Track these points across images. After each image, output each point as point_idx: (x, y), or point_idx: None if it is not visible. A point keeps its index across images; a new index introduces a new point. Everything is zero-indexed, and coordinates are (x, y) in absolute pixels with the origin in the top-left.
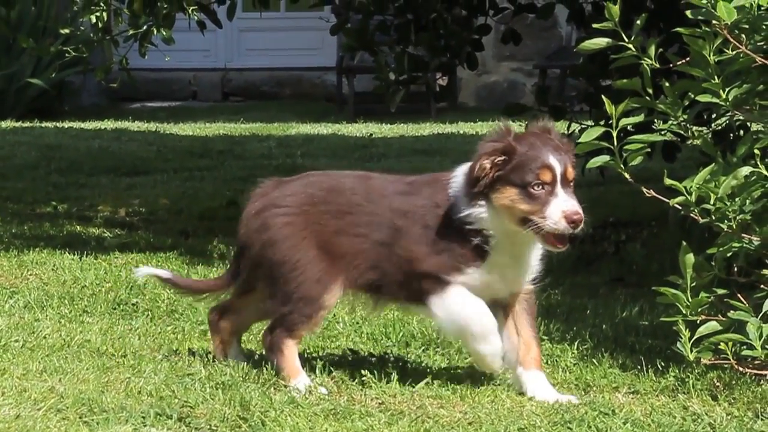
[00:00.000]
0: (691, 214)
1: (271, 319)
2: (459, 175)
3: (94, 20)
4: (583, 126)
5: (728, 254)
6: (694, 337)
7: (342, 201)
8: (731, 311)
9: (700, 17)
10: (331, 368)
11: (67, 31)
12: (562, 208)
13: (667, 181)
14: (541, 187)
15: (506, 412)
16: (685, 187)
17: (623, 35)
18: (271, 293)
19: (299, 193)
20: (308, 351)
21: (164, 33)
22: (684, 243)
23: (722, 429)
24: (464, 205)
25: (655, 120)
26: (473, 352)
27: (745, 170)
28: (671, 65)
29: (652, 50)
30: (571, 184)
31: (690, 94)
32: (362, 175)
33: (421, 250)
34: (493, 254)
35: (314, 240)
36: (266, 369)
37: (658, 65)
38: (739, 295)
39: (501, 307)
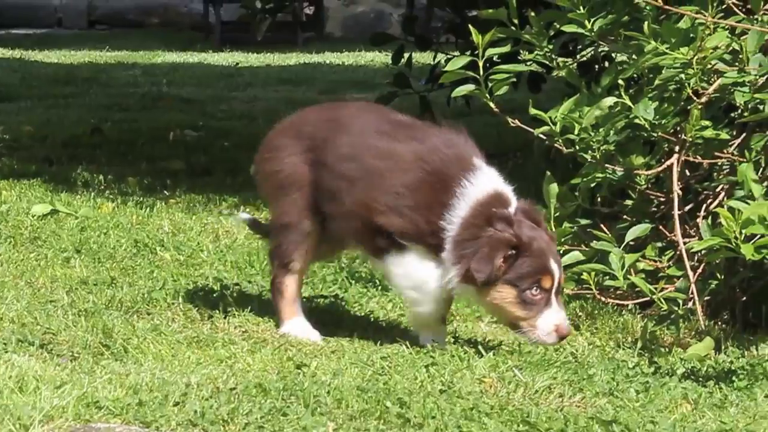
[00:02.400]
0: (556, 145)
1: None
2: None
3: None
4: (449, 56)
5: (592, 184)
6: None
7: (331, 134)
8: (594, 241)
9: None
10: (195, 296)
11: None
12: (555, 322)
13: (532, 111)
14: (538, 293)
15: (369, 340)
16: (549, 117)
17: None
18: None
19: (300, 125)
20: (172, 278)
21: None
22: (548, 173)
23: (584, 358)
24: (448, 262)
25: (521, 50)
26: (414, 311)
27: (609, 101)
28: None
29: None
30: (562, 291)
31: (555, 24)
32: (363, 107)
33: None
34: None
35: (305, 172)
36: (129, 296)
37: None
38: (602, 226)
39: None
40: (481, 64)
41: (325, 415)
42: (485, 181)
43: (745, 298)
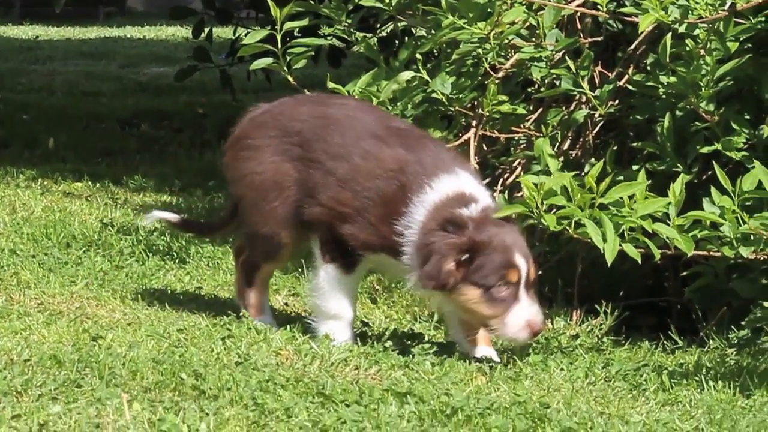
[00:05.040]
0: None
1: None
2: (422, 207)
3: None
4: (250, 30)
5: None
6: None
7: (310, 132)
8: None
9: None
10: None
11: None
12: (525, 317)
13: (330, 85)
14: (505, 288)
15: (166, 313)
16: (348, 91)
17: None
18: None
19: (269, 123)
20: None
21: None
22: None
23: (381, 331)
24: (412, 271)
25: (321, 25)
26: (318, 322)
27: (407, 75)
28: None
29: None
30: (534, 282)
31: None
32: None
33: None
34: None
35: (283, 173)
36: None
37: None
38: None
39: None
40: (279, 37)
41: (120, 386)
42: (448, 183)
43: (540, 272)
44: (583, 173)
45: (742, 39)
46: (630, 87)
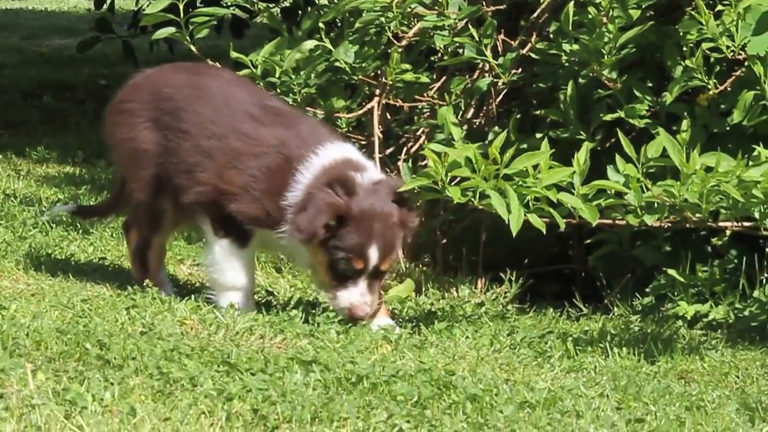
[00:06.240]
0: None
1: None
2: (306, 175)
3: None
4: (152, 0)
5: None
6: None
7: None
8: None
9: None
10: None
11: None
12: (351, 301)
13: (233, 55)
14: (348, 269)
15: (70, 283)
16: (251, 60)
17: None
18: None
19: (144, 87)
20: None
21: None
22: None
23: (286, 298)
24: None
25: None
26: (217, 295)
27: (310, 44)
28: None
29: None
30: (385, 272)
31: None
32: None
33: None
34: None
35: (152, 139)
36: None
37: None
38: None
39: None
40: (182, 6)
41: (24, 356)
42: (333, 150)
43: (445, 241)
44: (486, 142)
45: (644, 6)
46: (533, 55)
